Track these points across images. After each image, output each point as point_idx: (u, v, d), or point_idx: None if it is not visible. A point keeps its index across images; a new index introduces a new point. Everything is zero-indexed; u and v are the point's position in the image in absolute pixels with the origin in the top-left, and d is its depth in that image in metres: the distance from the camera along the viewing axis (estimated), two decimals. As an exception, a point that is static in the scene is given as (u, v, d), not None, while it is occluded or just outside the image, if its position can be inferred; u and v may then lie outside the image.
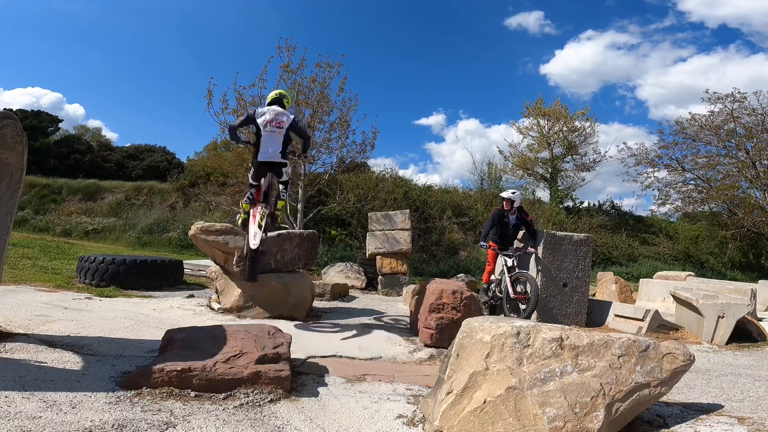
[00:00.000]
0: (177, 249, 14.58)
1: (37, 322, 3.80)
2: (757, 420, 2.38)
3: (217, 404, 2.41)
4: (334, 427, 2.31)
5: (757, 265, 19.53)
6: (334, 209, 14.51)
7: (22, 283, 6.05)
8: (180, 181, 18.94)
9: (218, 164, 13.12)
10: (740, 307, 5.24)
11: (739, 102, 18.61)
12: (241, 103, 10.63)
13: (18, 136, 2.98)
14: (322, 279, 9.21)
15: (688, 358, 2.35)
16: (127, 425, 2.03)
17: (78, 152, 24.57)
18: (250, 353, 2.72)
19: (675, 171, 20.45)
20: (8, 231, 3.09)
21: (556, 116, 21.74)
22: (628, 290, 8.62)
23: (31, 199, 18.45)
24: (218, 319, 4.76)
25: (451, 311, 4.25)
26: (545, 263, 6.04)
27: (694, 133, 19.76)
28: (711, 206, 20.42)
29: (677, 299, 6.11)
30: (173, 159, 25.57)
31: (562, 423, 2.07)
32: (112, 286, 6.48)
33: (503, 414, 2.12)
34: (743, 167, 18.94)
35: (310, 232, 6.23)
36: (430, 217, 17.02)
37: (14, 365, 2.64)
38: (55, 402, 2.21)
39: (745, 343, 5.17)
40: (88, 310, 4.64)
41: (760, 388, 3.25)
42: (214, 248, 5.23)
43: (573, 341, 2.31)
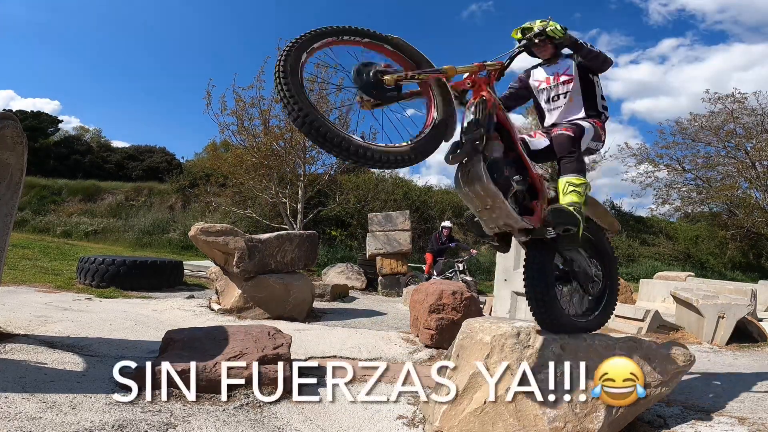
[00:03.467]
0: (177, 250, 14.58)
1: (37, 322, 3.79)
2: (757, 420, 2.38)
3: (217, 405, 2.41)
4: (334, 428, 2.31)
5: (757, 266, 19.51)
6: (334, 210, 14.50)
7: (22, 284, 6.06)
8: (180, 181, 18.92)
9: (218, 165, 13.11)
10: (740, 308, 5.24)
11: (739, 102, 18.61)
12: (239, 104, 10.65)
13: (18, 137, 2.98)
14: (323, 280, 9.21)
15: (688, 358, 2.35)
16: (127, 426, 2.03)
17: (78, 153, 24.56)
18: (250, 354, 2.72)
19: (675, 171, 20.44)
20: (8, 232, 3.09)
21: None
22: (628, 291, 8.62)
23: (31, 199, 18.43)
24: (218, 320, 4.76)
25: (451, 312, 4.25)
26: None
27: (693, 133, 19.76)
28: (711, 206, 20.41)
29: (677, 300, 6.11)
30: (173, 160, 25.54)
31: (563, 423, 2.07)
32: (112, 287, 6.47)
33: (503, 414, 2.11)
34: (743, 167, 18.93)
35: (310, 232, 6.24)
36: (430, 217, 17.02)
37: (14, 366, 2.64)
38: (55, 403, 2.20)
39: (745, 344, 5.17)
40: (88, 310, 4.64)
41: (761, 389, 3.24)
42: (214, 249, 5.23)
43: (573, 341, 2.31)
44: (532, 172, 2.46)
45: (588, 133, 2.60)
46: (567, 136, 2.49)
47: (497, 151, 2.32)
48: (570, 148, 2.49)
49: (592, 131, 2.62)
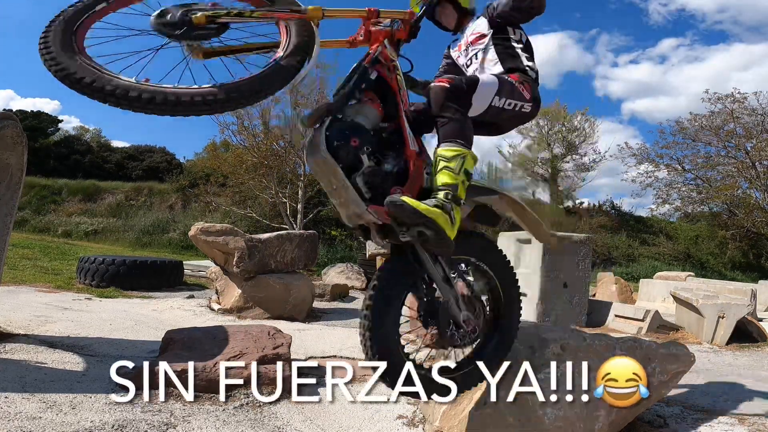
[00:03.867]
0: (177, 250, 14.58)
1: (37, 322, 3.79)
2: (757, 420, 2.38)
3: (217, 405, 2.41)
4: (334, 428, 2.31)
5: (757, 266, 19.51)
6: (334, 210, 14.49)
7: (22, 284, 6.06)
8: (180, 181, 18.93)
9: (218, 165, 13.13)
10: (740, 308, 5.24)
11: (739, 102, 18.61)
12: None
13: (18, 137, 2.98)
14: (322, 280, 9.21)
15: (688, 358, 2.35)
16: (127, 426, 2.03)
17: (78, 153, 24.56)
18: (249, 354, 2.72)
19: (675, 171, 20.44)
20: (8, 231, 3.09)
21: (555, 116, 21.74)
22: (629, 291, 8.62)
23: (31, 199, 18.43)
24: (218, 320, 4.76)
25: (451, 312, 4.24)
26: (546, 263, 6.03)
27: (693, 133, 19.77)
28: (711, 207, 20.42)
29: (677, 299, 6.11)
30: (173, 160, 25.52)
31: (563, 423, 2.07)
32: (112, 286, 6.47)
33: (504, 414, 2.12)
34: (743, 167, 18.93)
35: (310, 232, 6.24)
36: (430, 217, 17.01)
37: (14, 366, 2.64)
38: (55, 402, 2.21)
39: (745, 344, 5.17)
40: (88, 310, 4.64)
41: (761, 389, 3.24)
42: (214, 249, 5.23)
43: (573, 341, 2.31)
44: (408, 149, 1.83)
45: (486, 86, 1.91)
46: (440, 87, 1.82)
47: (369, 117, 1.79)
48: (445, 104, 1.80)
49: (496, 84, 1.93)
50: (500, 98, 1.94)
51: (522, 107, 2.00)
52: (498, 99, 1.94)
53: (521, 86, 2.00)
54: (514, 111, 1.99)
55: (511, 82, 1.99)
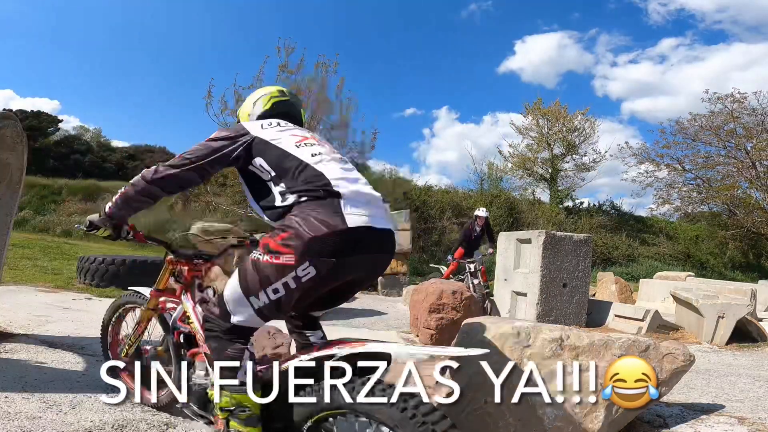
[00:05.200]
0: (177, 249, 14.57)
1: (37, 322, 3.80)
2: (757, 420, 2.38)
3: (218, 405, 2.41)
4: (334, 428, 2.30)
5: (757, 266, 19.53)
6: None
7: (22, 284, 6.06)
8: (180, 181, 18.89)
9: (218, 165, 13.10)
10: (740, 308, 5.25)
11: (739, 102, 18.61)
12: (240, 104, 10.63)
13: (18, 137, 2.98)
14: (322, 279, 9.20)
15: (688, 358, 2.35)
16: (127, 425, 2.03)
17: (78, 153, 24.58)
18: (250, 354, 2.71)
19: (675, 171, 20.45)
20: (8, 231, 3.09)
21: (555, 116, 21.74)
22: (628, 290, 8.64)
23: (31, 199, 18.43)
24: (218, 320, 4.75)
25: (451, 311, 4.25)
26: (546, 263, 6.04)
27: (693, 133, 19.77)
28: (711, 206, 20.43)
29: (677, 299, 6.11)
30: (173, 159, 25.52)
31: (563, 423, 2.08)
32: (112, 286, 6.47)
33: (504, 414, 2.12)
34: (743, 167, 18.94)
35: (310, 232, 6.24)
36: (430, 217, 17.03)
37: (14, 366, 2.64)
38: (55, 402, 2.21)
39: (745, 344, 5.18)
40: (89, 310, 4.64)
41: (761, 389, 3.25)
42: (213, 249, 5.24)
43: (573, 341, 2.31)
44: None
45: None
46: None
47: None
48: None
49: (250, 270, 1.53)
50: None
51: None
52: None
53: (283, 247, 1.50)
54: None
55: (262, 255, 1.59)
